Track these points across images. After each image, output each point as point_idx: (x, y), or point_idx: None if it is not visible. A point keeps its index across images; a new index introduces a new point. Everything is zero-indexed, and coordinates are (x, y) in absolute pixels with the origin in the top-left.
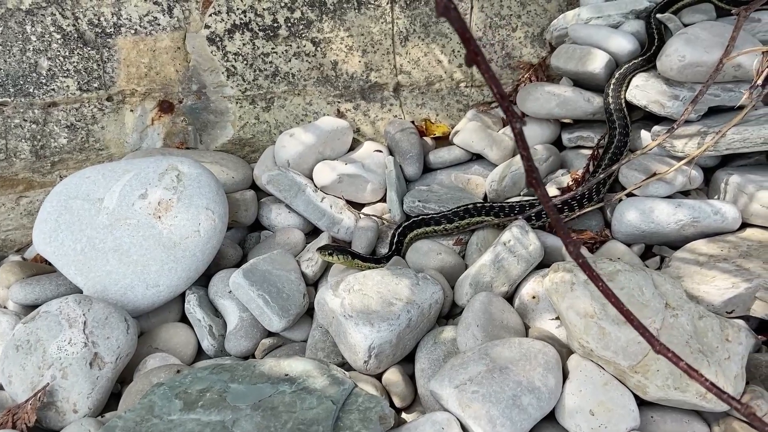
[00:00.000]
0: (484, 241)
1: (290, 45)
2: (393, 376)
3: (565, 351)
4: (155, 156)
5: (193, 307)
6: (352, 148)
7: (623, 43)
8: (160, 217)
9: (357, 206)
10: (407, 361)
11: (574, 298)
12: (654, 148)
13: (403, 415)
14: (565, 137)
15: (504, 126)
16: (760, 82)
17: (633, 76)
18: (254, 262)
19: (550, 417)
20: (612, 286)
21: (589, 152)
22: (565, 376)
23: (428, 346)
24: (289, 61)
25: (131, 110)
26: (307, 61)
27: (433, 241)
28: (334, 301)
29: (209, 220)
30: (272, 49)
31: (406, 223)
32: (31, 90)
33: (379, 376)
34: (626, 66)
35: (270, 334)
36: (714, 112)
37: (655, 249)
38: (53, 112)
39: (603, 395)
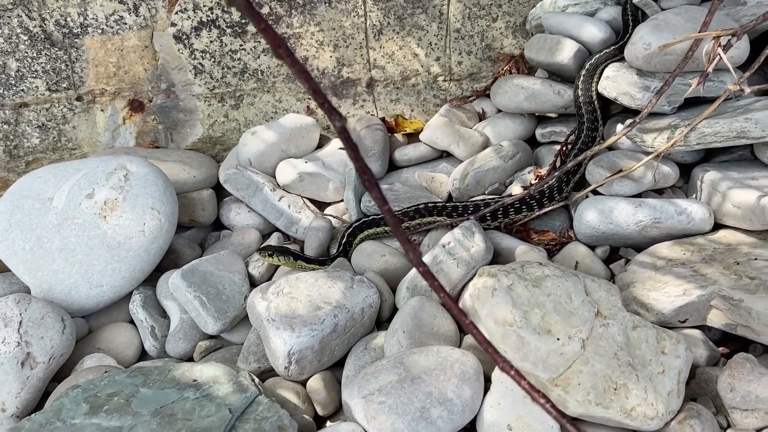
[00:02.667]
0: (437, 243)
1: (259, 41)
2: (315, 384)
3: None
4: (107, 155)
5: (136, 307)
6: (320, 146)
7: (594, 32)
8: (105, 217)
9: (321, 205)
10: (340, 367)
11: (494, 305)
12: (625, 143)
13: (328, 423)
14: (538, 132)
15: (480, 120)
16: (710, 70)
17: (605, 66)
18: (196, 262)
19: (470, 431)
20: (538, 293)
21: None
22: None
23: (358, 353)
24: (258, 57)
25: (101, 110)
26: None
27: (379, 243)
28: (261, 305)
29: (154, 220)
30: (240, 45)
31: (356, 224)
32: (0, 91)
33: (306, 382)
34: (597, 56)
35: (211, 336)
36: (692, 103)
37: (622, 251)
38: (24, 112)
39: (522, 409)
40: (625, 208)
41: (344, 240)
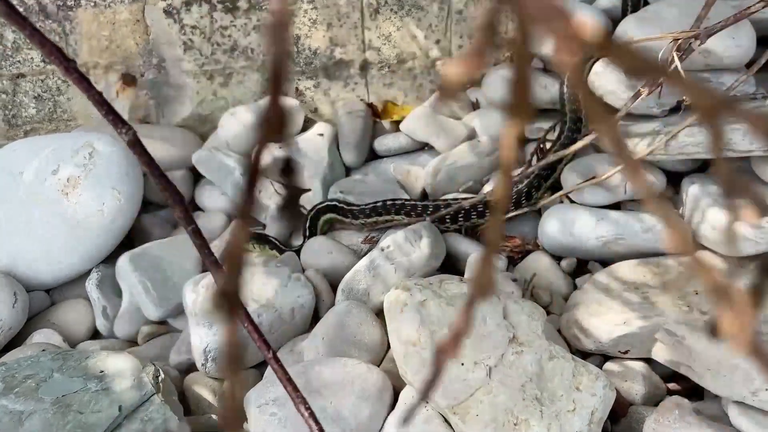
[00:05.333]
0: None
1: (250, 18)
2: None
3: None
4: (79, 131)
5: (91, 285)
6: (306, 129)
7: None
8: (67, 194)
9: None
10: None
11: (402, 322)
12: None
13: (245, 426)
14: (527, 128)
15: (474, 110)
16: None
17: (597, 60)
18: (148, 246)
19: None
20: (451, 312)
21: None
22: None
23: (284, 354)
24: (249, 35)
25: (95, 82)
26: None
27: (328, 238)
28: (190, 297)
29: (114, 200)
30: (231, 22)
31: (319, 206)
32: None
33: None
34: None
35: (157, 321)
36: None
37: (590, 265)
38: (21, 83)
39: None
40: (587, 220)
41: (307, 227)
